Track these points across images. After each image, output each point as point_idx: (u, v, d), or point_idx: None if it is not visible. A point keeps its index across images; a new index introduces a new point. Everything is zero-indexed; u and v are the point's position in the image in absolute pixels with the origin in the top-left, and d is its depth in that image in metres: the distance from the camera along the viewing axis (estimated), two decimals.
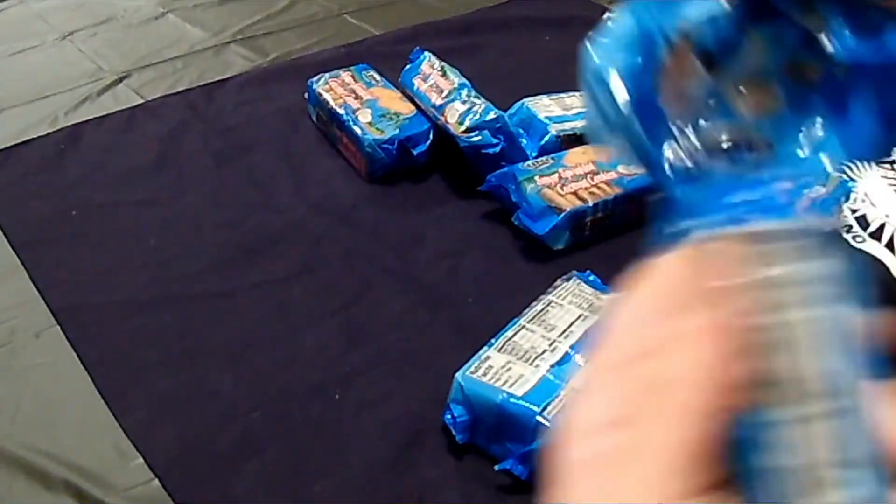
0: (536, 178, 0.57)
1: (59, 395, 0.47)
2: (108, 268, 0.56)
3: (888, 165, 0.60)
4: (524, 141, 0.64)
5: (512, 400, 0.42)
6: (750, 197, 0.18)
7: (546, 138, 0.63)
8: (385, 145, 0.62)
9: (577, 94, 0.69)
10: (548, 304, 0.48)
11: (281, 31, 0.88)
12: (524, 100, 0.67)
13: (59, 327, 0.51)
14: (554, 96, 0.68)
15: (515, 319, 0.47)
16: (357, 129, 0.63)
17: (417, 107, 0.66)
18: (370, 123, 0.63)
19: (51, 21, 0.90)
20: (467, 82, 0.65)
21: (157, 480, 0.42)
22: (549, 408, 0.41)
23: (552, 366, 0.44)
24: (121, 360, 0.49)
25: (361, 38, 0.85)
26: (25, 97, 0.76)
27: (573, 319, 0.47)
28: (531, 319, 0.47)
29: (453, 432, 0.43)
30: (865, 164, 0.60)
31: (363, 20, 0.90)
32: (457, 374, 0.43)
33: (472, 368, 0.43)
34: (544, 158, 0.60)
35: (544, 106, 0.67)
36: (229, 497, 0.41)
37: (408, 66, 0.69)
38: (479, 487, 0.40)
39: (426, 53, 0.69)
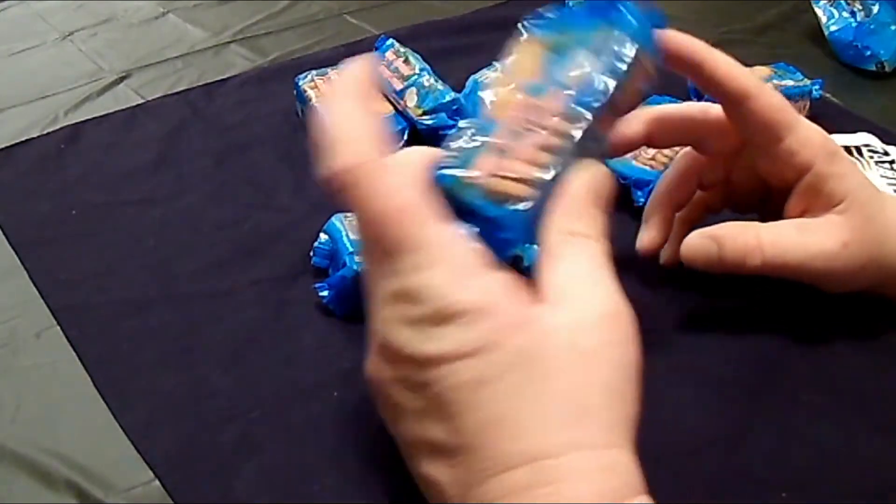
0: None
1: (59, 395, 0.47)
2: (108, 268, 0.56)
3: (888, 165, 0.60)
4: None
5: (344, 239, 0.50)
6: None
7: None
8: None
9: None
10: None
11: (281, 31, 0.88)
12: (472, 77, 0.67)
13: (59, 327, 0.51)
14: (494, 68, 0.68)
15: None
16: None
17: (388, 98, 0.66)
18: None
19: (51, 21, 0.91)
20: (428, 67, 0.65)
21: (157, 481, 0.42)
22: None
23: None
24: (121, 359, 0.49)
25: (361, 37, 0.85)
26: (25, 97, 0.76)
27: None
28: None
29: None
30: (865, 163, 0.60)
31: (363, 20, 0.91)
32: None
33: (350, 216, 0.50)
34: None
35: (494, 77, 0.67)
36: (229, 497, 0.41)
37: (373, 54, 0.70)
38: None
39: (391, 41, 0.69)
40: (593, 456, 0.31)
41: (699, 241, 0.45)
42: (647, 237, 0.50)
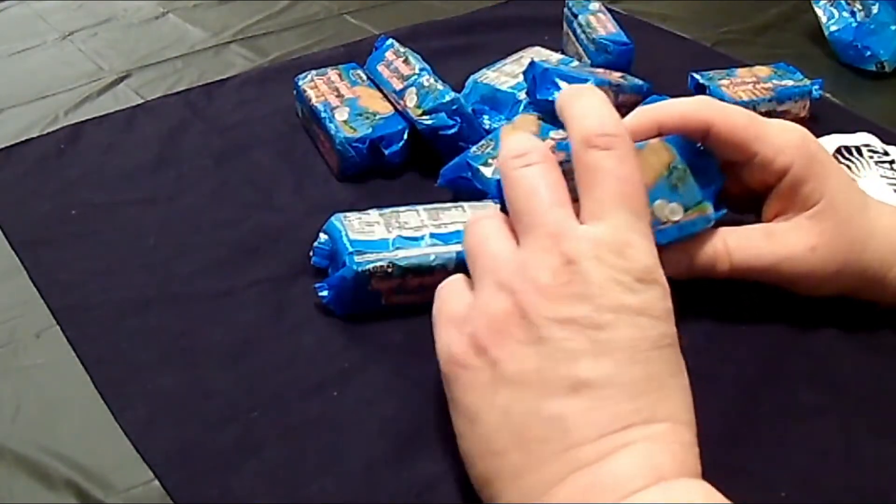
0: (489, 161, 0.58)
1: (59, 395, 0.47)
2: (108, 267, 0.56)
3: (888, 165, 0.60)
4: (487, 118, 0.65)
5: (344, 238, 0.49)
6: None
7: (522, 107, 0.64)
8: (356, 144, 0.62)
9: (509, 61, 0.70)
10: (453, 206, 0.53)
11: (281, 31, 0.89)
12: (471, 77, 0.68)
13: (59, 327, 0.51)
14: (493, 68, 0.68)
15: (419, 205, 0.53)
16: (332, 127, 0.63)
17: (387, 98, 0.66)
18: (345, 122, 0.63)
19: (51, 21, 0.91)
20: (428, 67, 0.65)
21: (157, 481, 0.42)
22: (367, 255, 0.48)
23: (400, 236, 0.49)
24: (121, 359, 0.49)
25: (361, 37, 0.85)
26: (25, 97, 0.76)
27: (459, 220, 0.51)
28: (428, 209, 0.52)
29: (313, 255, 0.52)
30: (865, 163, 0.60)
31: (363, 20, 0.91)
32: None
33: (350, 216, 0.51)
34: (484, 142, 0.60)
35: (494, 78, 0.67)
36: (229, 496, 0.41)
37: (373, 54, 0.70)
38: None
39: (391, 41, 0.69)
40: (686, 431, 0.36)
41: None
42: None
